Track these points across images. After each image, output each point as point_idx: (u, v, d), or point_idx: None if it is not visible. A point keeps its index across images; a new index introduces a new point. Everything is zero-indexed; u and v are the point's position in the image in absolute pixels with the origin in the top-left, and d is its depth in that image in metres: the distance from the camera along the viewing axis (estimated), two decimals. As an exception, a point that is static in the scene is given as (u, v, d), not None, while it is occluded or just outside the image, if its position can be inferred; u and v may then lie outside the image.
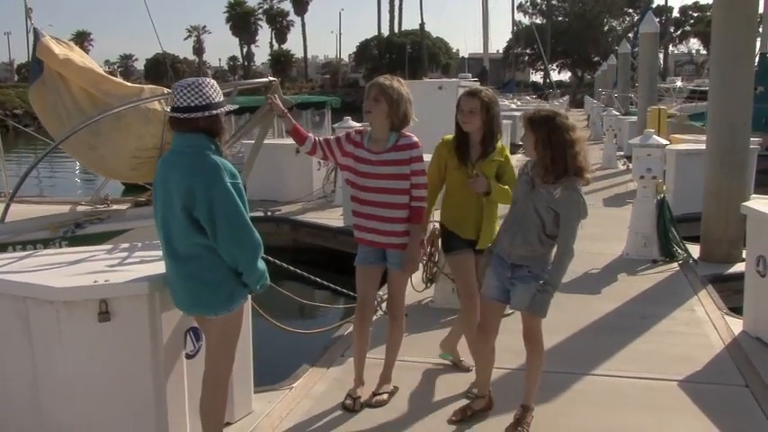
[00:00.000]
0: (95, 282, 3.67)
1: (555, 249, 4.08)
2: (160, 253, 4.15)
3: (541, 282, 4.03)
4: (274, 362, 6.12)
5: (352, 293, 7.36)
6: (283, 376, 5.35)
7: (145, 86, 6.40)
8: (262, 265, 3.65)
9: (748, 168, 8.55)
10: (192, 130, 3.54)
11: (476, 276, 4.64)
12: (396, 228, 4.48)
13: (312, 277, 6.79)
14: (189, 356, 4.04)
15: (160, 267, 3.85)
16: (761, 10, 12.18)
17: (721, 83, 8.39)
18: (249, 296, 3.85)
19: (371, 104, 4.42)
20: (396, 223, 4.47)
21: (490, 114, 4.59)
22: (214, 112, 3.53)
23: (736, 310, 7.01)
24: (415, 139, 4.51)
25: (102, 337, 3.69)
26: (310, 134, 4.54)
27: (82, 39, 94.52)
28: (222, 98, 3.62)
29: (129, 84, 6.48)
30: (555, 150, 3.94)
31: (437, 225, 6.26)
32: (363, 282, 4.67)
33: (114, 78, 6.40)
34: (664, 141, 8.90)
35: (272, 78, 4.87)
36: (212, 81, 3.63)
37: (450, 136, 4.79)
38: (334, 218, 11.63)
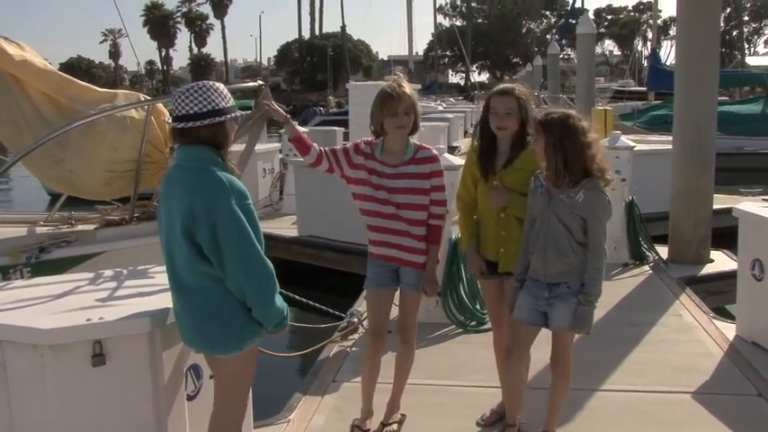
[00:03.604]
0: (88, 320, 3.15)
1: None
2: (155, 282, 3.69)
3: (581, 294, 3.72)
4: (258, 388, 5.67)
5: (331, 311, 7.04)
6: (272, 405, 4.92)
7: (119, 91, 5.79)
8: (279, 301, 3.18)
9: (713, 168, 8.50)
10: (195, 141, 3.11)
11: (502, 303, 4.18)
12: (414, 244, 4.08)
13: (300, 298, 6.33)
14: (190, 398, 3.57)
15: (157, 300, 3.39)
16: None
17: (687, 82, 8.33)
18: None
19: (405, 120, 3.95)
20: (413, 240, 4.07)
21: (529, 114, 3.97)
22: (217, 119, 3.10)
23: (716, 311, 6.96)
24: (435, 152, 4.12)
25: (95, 384, 3.18)
26: (315, 144, 4.09)
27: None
28: (230, 104, 3.19)
29: (98, 89, 5.85)
30: (567, 153, 3.65)
31: None
32: (377, 309, 4.25)
33: (81, 82, 5.76)
34: (632, 143, 8.79)
35: (261, 82, 4.42)
36: (219, 85, 3.19)
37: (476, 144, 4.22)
38: (285, 227, 11.15)
